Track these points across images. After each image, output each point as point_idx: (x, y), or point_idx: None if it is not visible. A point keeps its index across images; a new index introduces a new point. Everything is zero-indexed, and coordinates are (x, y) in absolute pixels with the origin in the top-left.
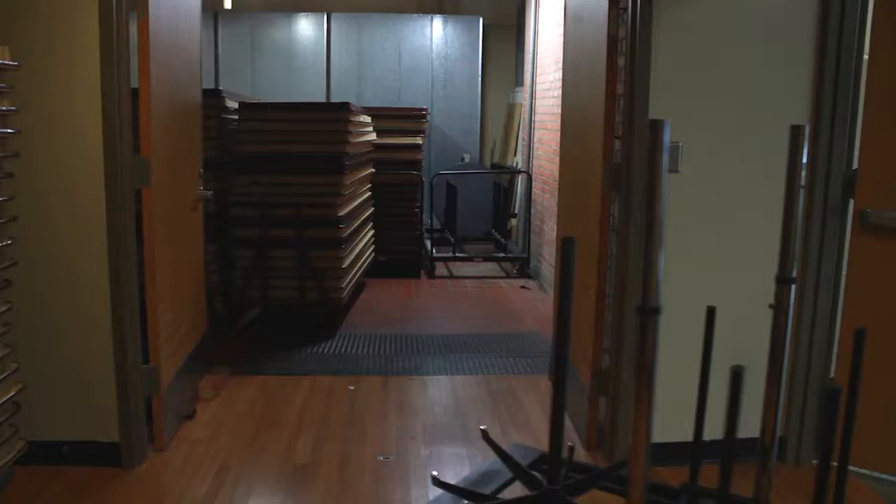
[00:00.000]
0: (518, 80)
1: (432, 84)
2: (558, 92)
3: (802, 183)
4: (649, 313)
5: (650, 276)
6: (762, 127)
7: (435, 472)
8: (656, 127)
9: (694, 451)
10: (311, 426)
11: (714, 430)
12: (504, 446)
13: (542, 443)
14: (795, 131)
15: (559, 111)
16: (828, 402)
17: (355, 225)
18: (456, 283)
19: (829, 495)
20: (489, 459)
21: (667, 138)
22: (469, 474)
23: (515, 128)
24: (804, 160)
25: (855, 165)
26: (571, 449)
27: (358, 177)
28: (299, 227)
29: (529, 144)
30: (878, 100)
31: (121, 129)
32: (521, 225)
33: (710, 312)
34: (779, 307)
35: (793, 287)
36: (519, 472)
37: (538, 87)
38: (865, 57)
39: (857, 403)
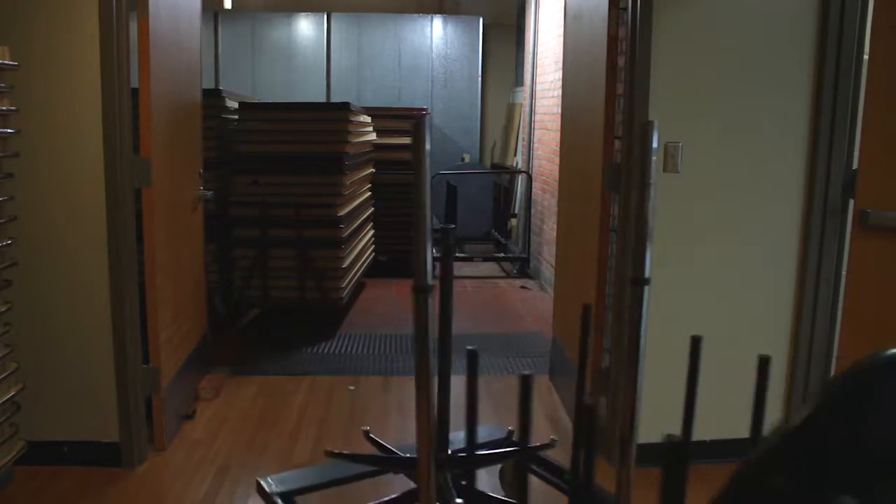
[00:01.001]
0: (518, 80)
1: (432, 84)
2: (558, 92)
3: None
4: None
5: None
6: (762, 127)
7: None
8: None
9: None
10: (311, 426)
11: (720, 430)
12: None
13: (542, 441)
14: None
15: (559, 111)
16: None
17: (355, 225)
18: (456, 283)
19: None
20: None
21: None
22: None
23: (515, 128)
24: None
25: (855, 165)
26: (512, 432)
27: (358, 177)
28: (299, 227)
29: (529, 144)
30: (878, 100)
31: (121, 129)
32: (521, 225)
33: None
34: (633, 308)
35: (646, 289)
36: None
37: (538, 87)
38: (865, 57)
39: (693, 411)
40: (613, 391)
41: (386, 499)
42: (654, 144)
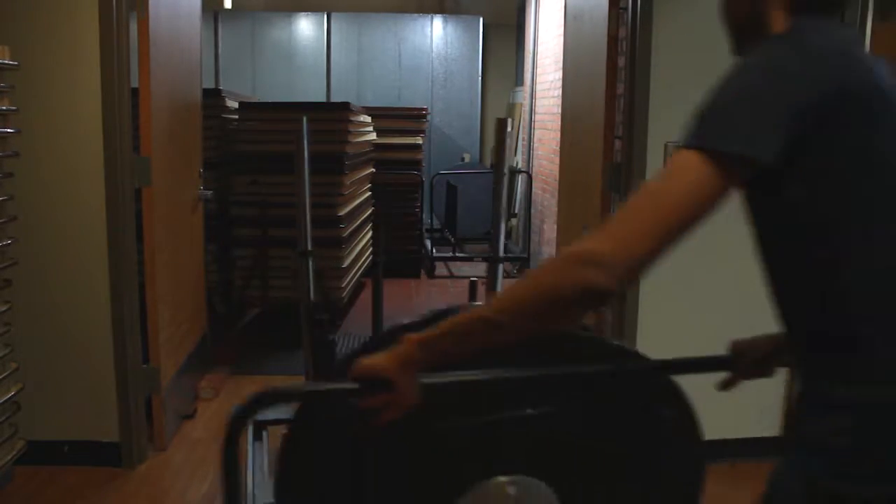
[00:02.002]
0: (518, 80)
1: (432, 84)
2: (558, 92)
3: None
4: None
5: None
6: None
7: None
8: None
9: None
10: None
11: (719, 429)
12: None
13: None
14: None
15: (559, 111)
16: None
17: (355, 225)
18: (456, 282)
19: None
20: None
21: None
22: None
23: (515, 127)
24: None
25: None
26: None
27: (358, 177)
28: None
29: (529, 144)
30: None
31: (121, 129)
32: (521, 225)
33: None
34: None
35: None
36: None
37: (538, 87)
38: None
39: None
40: None
41: None
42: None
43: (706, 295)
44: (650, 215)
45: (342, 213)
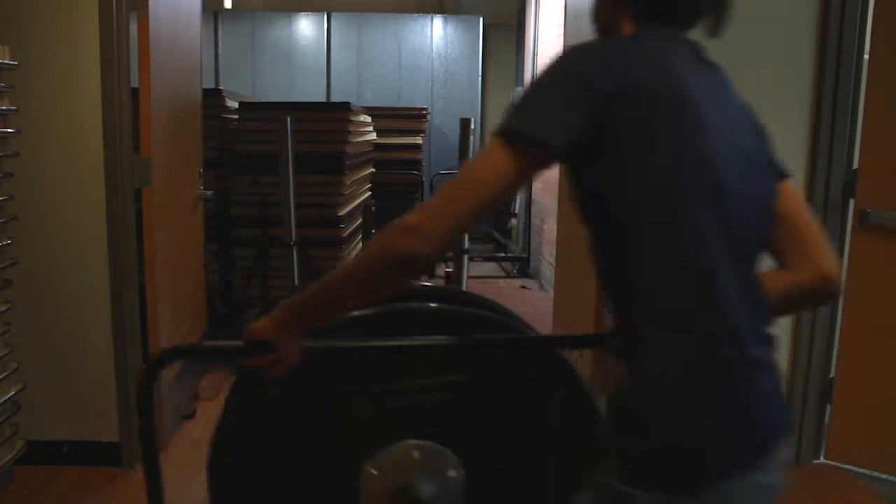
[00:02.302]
0: (518, 81)
1: (432, 84)
2: None
3: None
4: None
5: None
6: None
7: None
8: None
9: None
10: None
11: None
12: None
13: None
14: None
15: None
16: None
17: (355, 225)
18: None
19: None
20: None
21: None
22: None
23: None
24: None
25: (855, 165)
26: None
27: (358, 177)
28: (299, 227)
29: None
30: (878, 100)
31: (121, 129)
32: (521, 225)
33: None
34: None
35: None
36: None
37: None
38: (866, 57)
39: None
40: None
41: None
42: None
43: None
44: (458, 193)
45: (342, 213)
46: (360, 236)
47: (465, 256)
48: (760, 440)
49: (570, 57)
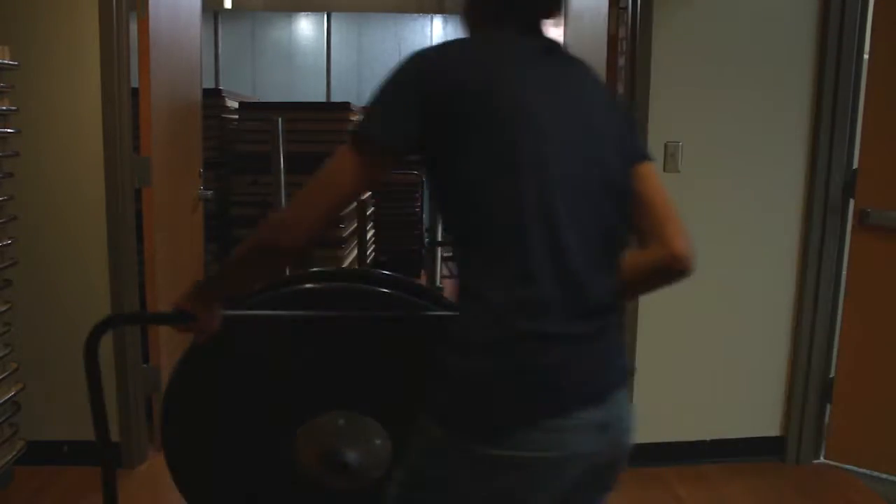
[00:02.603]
0: None
1: None
2: None
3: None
4: None
5: None
6: (762, 127)
7: None
8: None
9: None
10: None
11: (719, 429)
12: None
13: None
14: None
15: None
16: None
17: (354, 225)
18: (456, 282)
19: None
20: None
21: None
22: None
23: None
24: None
25: (855, 165)
26: None
27: None
28: None
29: None
30: (878, 100)
31: (121, 129)
32: None
33: None
34: None
35: None
36: None
37: None
38: (866, 57)
39: None
40: None
41: None
42: None
43: (705, 296)
44: (315, 195)
45: (342, 213)
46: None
47: (439, 249)
48: (553, 402)
49: (407, 63)
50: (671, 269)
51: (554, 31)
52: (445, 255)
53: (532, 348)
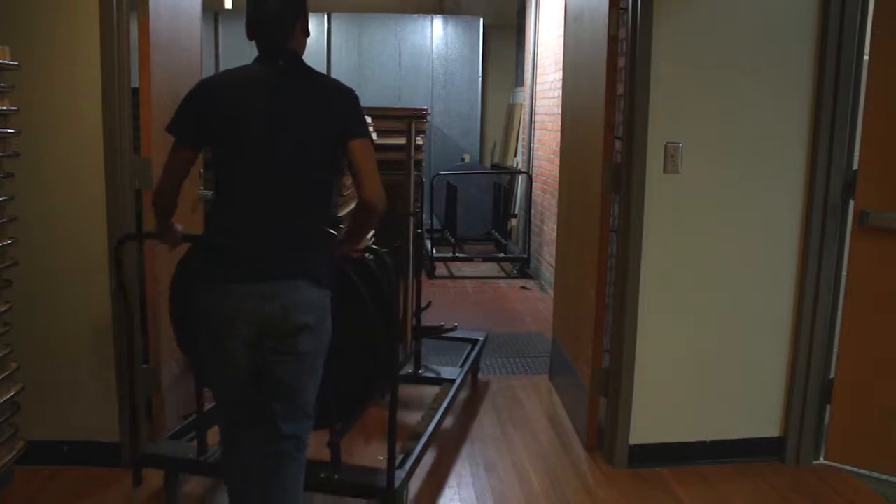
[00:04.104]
0: (518, 81)
1: (432, 84)
2: (558, 92)
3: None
4: None
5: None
6: (762, 127)
7: None
8: None
9: None
10: None
11: (719, 430)
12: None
13: (542, 442)
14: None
15: (559, 111)
16: None
17: None
18: (456, 283)
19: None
20: None
21: None
22: None
23: (515, 128)
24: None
25: (855, 165)
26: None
27: None
28: None
29: (529, 145)
30: (878, 100)
31: (121, 129)
32: (521, 225)
33: None
34: None
35: None
36: None
37: (538, 88)
38: (866, 57)
39: None
40: (613, 391)
41: None
42: None
43: (706, 297)
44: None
45: (342, 213)
46: None
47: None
48: (251, 274)
49: (194, 88)
50: (366, 209)
51: (554, 31)
52: (438, 255)
53: (230, 245)
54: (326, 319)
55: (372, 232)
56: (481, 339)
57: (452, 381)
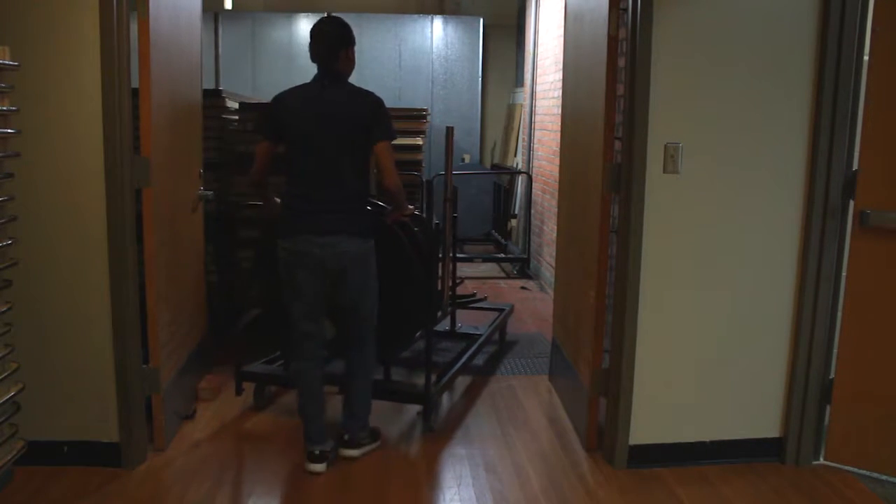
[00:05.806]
0: (518, 81)
1: (432, 84)
2: (558, 93)
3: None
4: None
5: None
6: (762, 127)
7: None
8: None
9: None
10: None
11: (719, 430)
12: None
13: (542, 442)
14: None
15: (559, 112)
16: None
17: None
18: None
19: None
20: None
21: None
22: None
23: (515, 128)
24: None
25: (855, 166)
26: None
27: None
28: None
29: (529, 145)
30: (878, 100)
31: (121, 129)
32: (521, 225)
33: None
34: None
35: None
36: None
37: (538, 88)
38: (866, 57)
39: None
40: (613, 391)
41: None
42: None
43: (706, 297)
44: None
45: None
46: None
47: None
48: (311, 229)
49: (271, 101)
50: (387, 192)
51: (554, 31)
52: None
53: (304, 211)
54: (369, 258)
55: (411, 208)
56: (507, 308)
57: (480, 334)
